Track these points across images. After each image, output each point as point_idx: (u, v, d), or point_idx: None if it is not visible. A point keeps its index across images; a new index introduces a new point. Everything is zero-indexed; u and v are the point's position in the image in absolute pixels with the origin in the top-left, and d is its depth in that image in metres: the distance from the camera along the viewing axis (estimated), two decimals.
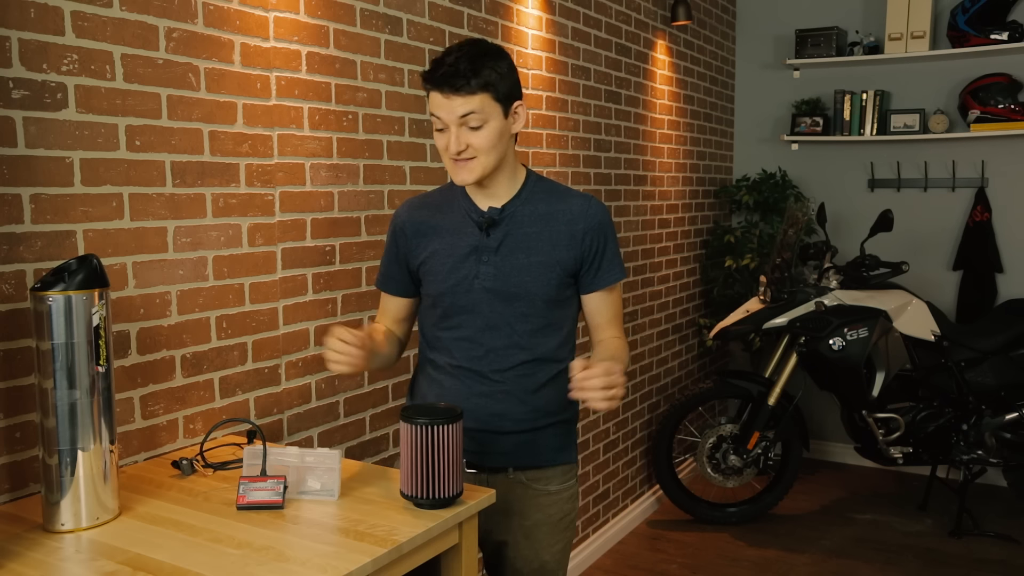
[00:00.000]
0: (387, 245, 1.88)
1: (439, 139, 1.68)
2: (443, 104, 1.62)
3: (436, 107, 1.64)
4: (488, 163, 1.67)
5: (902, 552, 3.66)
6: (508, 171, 1.75)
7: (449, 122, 1.63)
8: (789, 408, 3.87)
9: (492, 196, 1.76)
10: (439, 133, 1.67)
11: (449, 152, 1.65)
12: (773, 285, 3.76)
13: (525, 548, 1.84)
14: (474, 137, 1.64)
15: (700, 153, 4.56)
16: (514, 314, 1.75)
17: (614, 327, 1.85)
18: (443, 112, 1.63)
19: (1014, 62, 4.26)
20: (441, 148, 1.68)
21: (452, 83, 1.60)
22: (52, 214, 1.61)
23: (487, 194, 1.76)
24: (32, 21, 1.55)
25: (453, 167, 1.68)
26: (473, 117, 1.62)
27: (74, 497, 1.43)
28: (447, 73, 1.60)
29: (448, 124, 1.63)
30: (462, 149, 1.64)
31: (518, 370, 1.77)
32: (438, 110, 1.64)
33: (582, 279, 1.79)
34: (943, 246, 4.55)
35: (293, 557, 1.33)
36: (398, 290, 1.88)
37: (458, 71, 1.60)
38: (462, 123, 1.63)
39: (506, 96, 1.66)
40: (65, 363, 1.41)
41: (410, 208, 1.85)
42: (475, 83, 1.60)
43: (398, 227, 1.84)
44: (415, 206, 1.85)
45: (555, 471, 1.85)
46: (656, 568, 3.53)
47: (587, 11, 3.38)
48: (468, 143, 1.64)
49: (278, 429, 2.13)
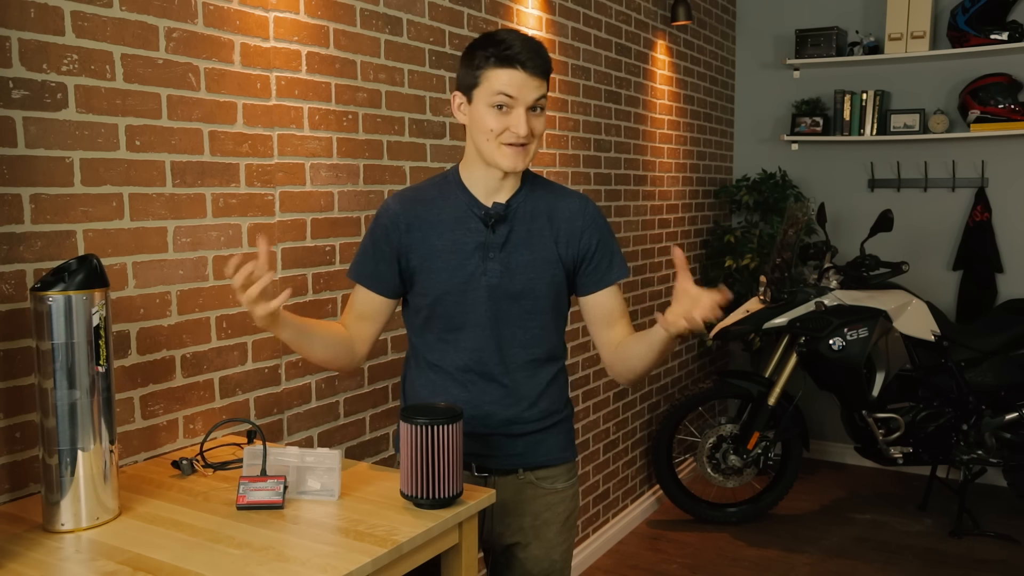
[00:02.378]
0: (373, 239, 1.75)
1: (497, 120, 1.61)
2: (523, 84, 1.59)
3: (510, 85, 1.59)
4: (534, 151, 1.67)
5: (902, 552, 3.66)
6: None
7: (523, 103, 1.60)
8: (789, 408, 3.87)
9: (498, 189, 1.72)
10: (500, 113, 1.61)
11: (519, 133, 1.61)
12: (773, 285, 3.76)
13: (536, 548, 1.84)
14: (536, 122, 1.64)
15: (700, 153, 4.56)
16: (520, 311, 1.73)
17: (628, 323, 1.81)
18: (520, 91, 1.59)
19: (1014, 62, 4.26)
20: (499, 129, 1.62)
21: (537, 64, 1.60)
22: (52, 214, 1.61)
23: (493, 187, 1.72)
24: (32, 21, 1.55)
25: (504, 152, 1.63)
26: (542, 101, 1.63)
27: (74, 497, 1.43)
28: (532, 54, 1.59)
29: (520, 105, 1.60)
30: (528, 132, 1.62)
31: (525, 370, 1.76)
32: (512, 88, 1.59)
33: (588, 277, 1.78)
34: (943, 246, 4.55)
35: (293, 557, 1.33)
36: (382, 288, 1.75)
37: (540, 54, 1.60)
38: (532, 106, 1.62)
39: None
40: (65, 363, 1.40)
41: (402, 201, 1.75)
42: (548, 69, 1.63)
43: (390, 221, 1.73)
44: (408, 199, 1.75)
45: (561, 469, 1.86)
46: (656, 568, 3.53)
47: (587, 11, 3.38)
48: (531, 127, 1.63)
49: (278, 429, 2.13)
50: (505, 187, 1.73)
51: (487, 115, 1.62)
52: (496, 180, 1.71)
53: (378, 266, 1.75)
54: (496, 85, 1.60)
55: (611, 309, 1.80)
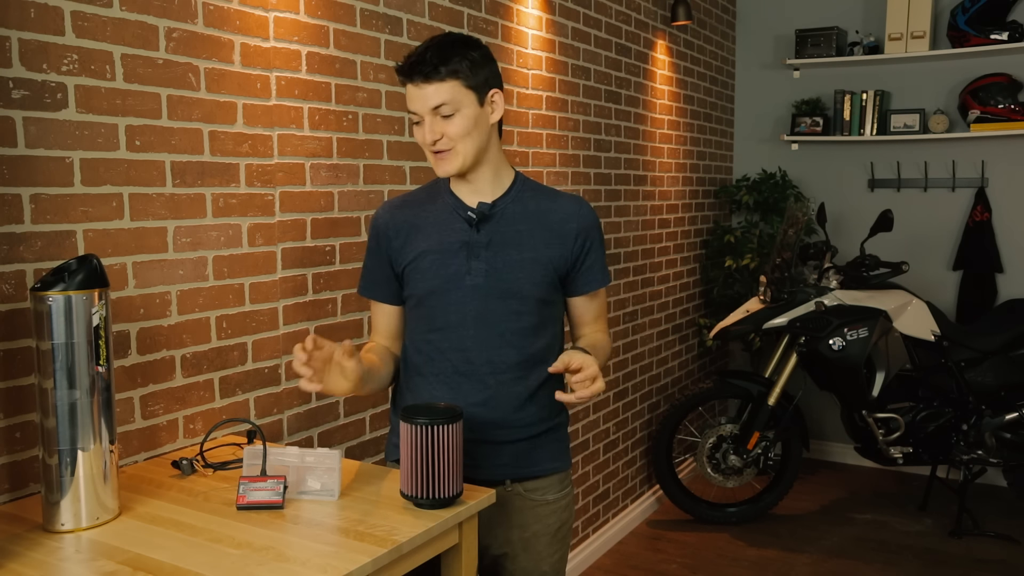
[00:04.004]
0: (369, 250, 1.83)
1: (417, 133, 1.68)
2: (415, 95, 1.64)
3: (410, 100, 1.65)
4: (467, 152, 1.67)
5: (902, 552, 3.66)
6: (492, 165, 1.73)
7: (422, 112, 1.64)
8: (789, 408, 3.87)
9: (478, 192, 1.74)
10: (417, 127, 1.67)
11: (425, 143, 1.66)
12: (773, 285, 3.76)
13: (524, 560, 1.82)
14: (448, 126, 1.65)
15: (700, 153, 4.56)
16: (507, 312, 1.72)
17: (599, 323, 1.87)
18: (416, 103, 1.64)
19: (1014, 62, 4.26)
20: (420, 142, 1.68)
21: (421, 71, 1.62)
22: (52, 214, 1.61)
23: (472, 189, 1.74)
24: (32, 21, 1.55)
25: (433, 160, 1.69)
26: (445, 107, 1.63)
27: (74, 497, 1.43)
28: (416, 63, 1.62)
29: (422, 114, 1.64)
30: (437, 138, 1.65)
31: (511, 373, 1.74)
32: (412, 102, 1.65)
33: (571, 281, 1.79)
34: (943, 246, 4.55)
35: (293, 557, 1.33)
36: (389, 297, 1.81)
37: (426, 60, 1.61)
38: (435, 113, 1.64)
39: (480, 84, 1.66)
40: (65, 363, 1.40)
41: (390, 208, 1.81)
42: (444, 71, 1.62)
43: (380, 229, 1.79)
44: (395, 206, 1.81)
45: (552, 480, 1.83)
46: (656, 568, 3.53)
47: (587, 11, 3.38)
48: (443, 132, 1.65)
49: (278, 429, 2.13)
50: (487, 187, 1.75)
51: (414, 130, 1.70)
52: (476, 180, 1.73)
53: (382, 277, 1.80)
54: (408, 103, 1.68)
55: (580, 313, 1.85)
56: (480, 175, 1.73)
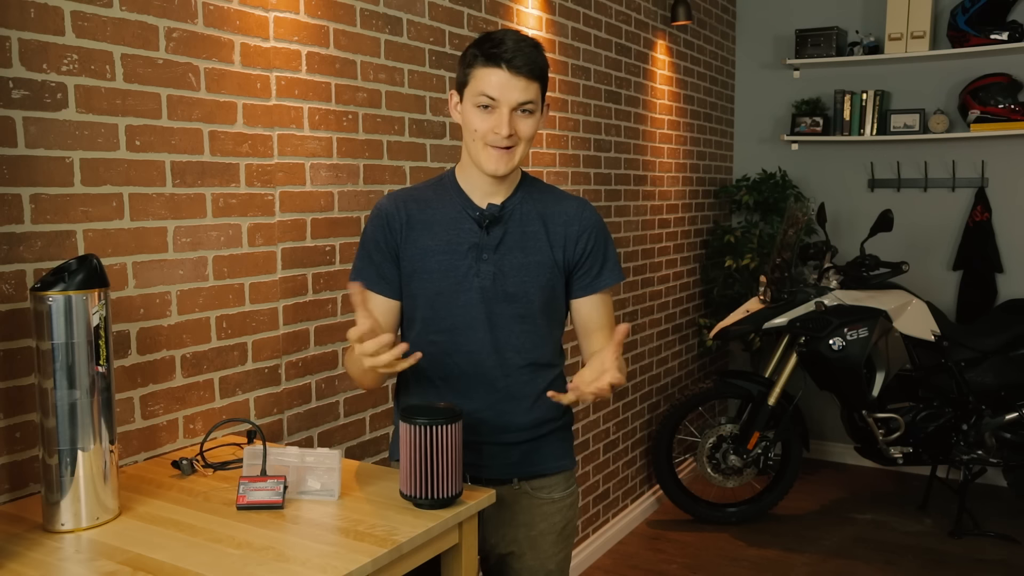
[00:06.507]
0: (371, 240, 1.71)
1: (482, 120, 1.59)
2: (506, 83, 1.56)
3: (493, 86, 1.57)
4: (523, 154, 1.64)
5: (902, 552, 3.66)
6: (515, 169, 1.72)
7: (505, 102, 1.57)
8: (789, 408, 3.87)
9: (490, 193, 1.70)
10: (483, 113, 1.59)
11: (500, 134, 1.58)
12: (773, 285, 3.76)
13: (531, 559, 1.82)
14: (522, 125, 1.61)
15: (700, 153, 4.56)
16: (512, 314, 1.70)
17: (607, 334, 1.75)
18: (502, 92, 1.57)
19: (1014, 62, 4.26)
20: (483, 130, 1.60)
21: (525, 64, 1.57)
22: (52, 214, 1.61)
23: (486, 191, 1.70)
24: (32, 21, 1.55)
25: (490, 154, 1.62)
26: (530, 104, 1.60)
27: (74, 497, 1.43)
28: (519, 53, 1.56)
29: (503, 105, 1.58)
30: (512, 133, 1.59)
31: (518, 375, 1.72)
32: (494, 89, 1.57)
33: (578, 282, 1.76)
34: (943, 246, 4.55)
35: (293, 557, 1.33)
36: (390, 290, 1.71)
37: (527, 54, 1.57)
38: (517, 107, 1.59)
39: (545, 92, 1.65)
40: (65, 363, 1.40)
41: (397, 200, 1.72)
42: (539, 70, 1.59)
43: (385, 219, 1.70)
44: (402, 198, 1.72)
45: (558, 478, 1.82)
46: (656, 568, 3.53)
47: (587, 11, 3.38)
48: (516, 129, 1.60)
49: (278, 429, 2.13)
50: (501, 189, 1.71)
51: (473, 115, 1.61)
52: (491, 182, 1.69)
53: (387, 269, 1.71)
54: (481, 85, 1.59)
55: (587, 317, 1.78)
56: (506, 177, 1.70)
